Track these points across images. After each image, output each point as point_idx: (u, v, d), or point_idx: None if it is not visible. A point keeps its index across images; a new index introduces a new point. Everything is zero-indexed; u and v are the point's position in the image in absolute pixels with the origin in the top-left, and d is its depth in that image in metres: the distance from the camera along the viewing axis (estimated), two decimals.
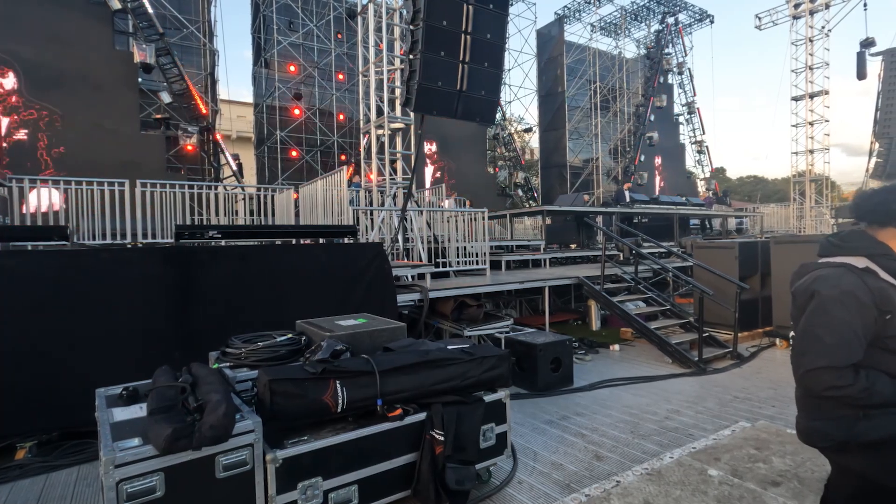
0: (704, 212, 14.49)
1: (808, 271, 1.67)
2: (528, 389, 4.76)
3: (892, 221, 1.58)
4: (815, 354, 1.49)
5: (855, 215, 1.68)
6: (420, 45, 5.50)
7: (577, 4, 22.81)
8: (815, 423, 1.63)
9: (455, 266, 7.01)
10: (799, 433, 1.71)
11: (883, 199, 1.59)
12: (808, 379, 1.52)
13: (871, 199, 1.64)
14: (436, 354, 2.84)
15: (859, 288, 1.49)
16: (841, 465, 1.69)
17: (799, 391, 1.71)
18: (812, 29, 18.96)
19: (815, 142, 19.40)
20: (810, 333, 1.52)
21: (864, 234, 1.63)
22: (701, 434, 3.63)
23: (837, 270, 1.56)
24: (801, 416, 1.70)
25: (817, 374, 1.48)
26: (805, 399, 1.68)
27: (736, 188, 44.90)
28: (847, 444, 1.54)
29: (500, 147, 21.83)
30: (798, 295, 1.63)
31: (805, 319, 1.56)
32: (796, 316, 1.64)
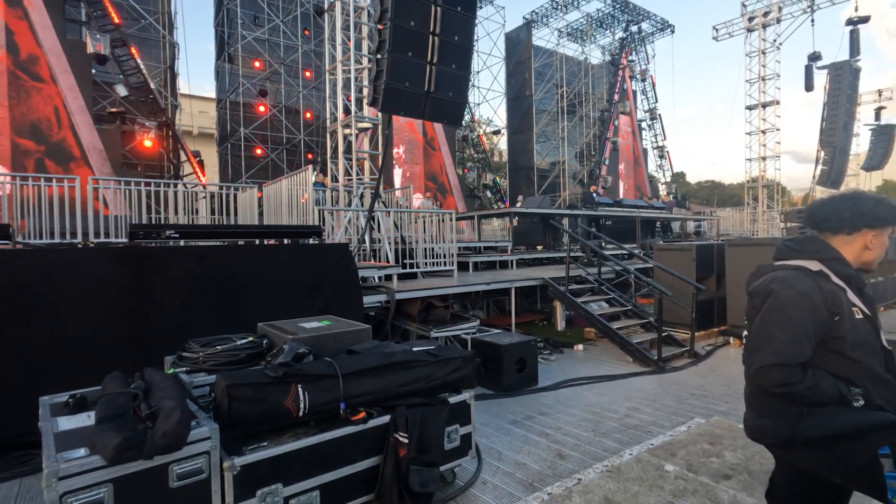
0: (665, 215, 14.98)
1: (764, 272, 1.74)
2: (493, 390, 4.80)
3: (843, 229, 1.67)
4: (767, 352, 1.55)
5: (809, 223, 1.77)
6: (387, 44, 5.47)
7: (545, 10, 23.19)
8: (762, 421, 1.69)
9: (423, 267, 7.00)
10: (747, 430, 1.78)
11: (834, 209, 1.69)
12: (760, 375, 1.57)
13: (823, 208, 1.73)
14: (401, 357, 2.83)
15: (813, 290, 1.57)
16: (785, 461, 1.77)
17: (749, 389, 1.78)
18: (764, 42, 19.91)
19: (767, 149, 20.37)
20: (764, 331, 1.59)
21: (817, 239, 1.72)
22: (659, 431, 3.74)
23: (793, 272, 1.64)
24: (750, 414, 1.76)
25: (768, 370, 1.54)
26: (754, 397, 1.74)
27: (695, 192, 46.64)
28: (792, 440, 1.61)
29: (469, 149, 21.94)
30: (755, 295, 1.70)
31: (760, 318, 1.62)
32: (752, 315, 1.70)
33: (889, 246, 6.30)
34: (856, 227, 1.65)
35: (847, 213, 1.66)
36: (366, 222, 6.50)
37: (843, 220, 1.66)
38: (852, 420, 1.53)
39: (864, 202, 1.67)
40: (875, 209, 1.65)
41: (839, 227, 1.67)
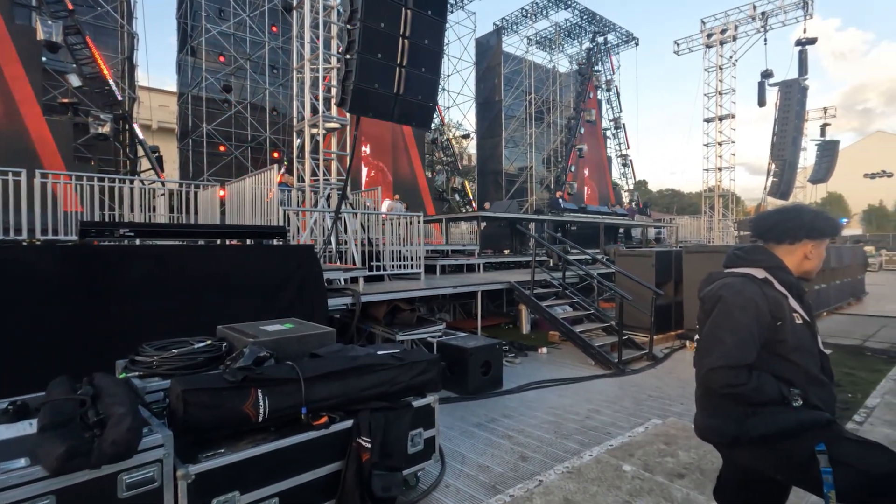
0: (627, 222, 15.42)
1: (715, 279, 1.84)
2: (458, 393, 4.82)
3: (785, 239, 1.80)
4: (717, 354, 1.63)
5: (754, 233, 1.88)
6: (357, 45, 5.43)
7: (515, 17, 23.54)
8: (711, 421, 1.77)
9: (390, 270, 6.96)
10: (697, 430, 1.86)
11: (777, 220, 1.81)
12: (709, 377, 1.65)
13: (767, 219, 1.86)
14: (365, 360, 2.80)
15: (759, 296, 1.66)
16: (731, 460, 1.86)
17: (699, 391, 1.86)
18: (721, 58, 20.84)
19: (723, 160, 21.30)
20: (714, 335, 1.67)
21: (762, 249, 1.84)
22: (618, 432, 3.85)
23: (741, 279, 1.74)
24: (700, 415, 1.85)
25: (717, 372, 1.62)
26: (704, 398, 1.82)
27: (656, 200, 48.24)
28: (738, 438, 1.69)
29: (439, 152, 21.99)
30: (706, 300, 1.79)
31: (710, 322, 1.70)
32: (703, 319, 1.79)
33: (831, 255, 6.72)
34: (797, 237, 1.77)
35: (789, 225, 1.77)
36: (332, 224, 6.41)
37: (785, 230, 1.78)
38: (792, 419, 1.62)
39: (805, 215, 1.79)
40: (814, 221, 1.77)
41: (782, 237, 1.79)
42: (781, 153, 18.53)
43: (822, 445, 1.58)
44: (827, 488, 1.53)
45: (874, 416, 4.13)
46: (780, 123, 18.52)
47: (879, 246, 27.25)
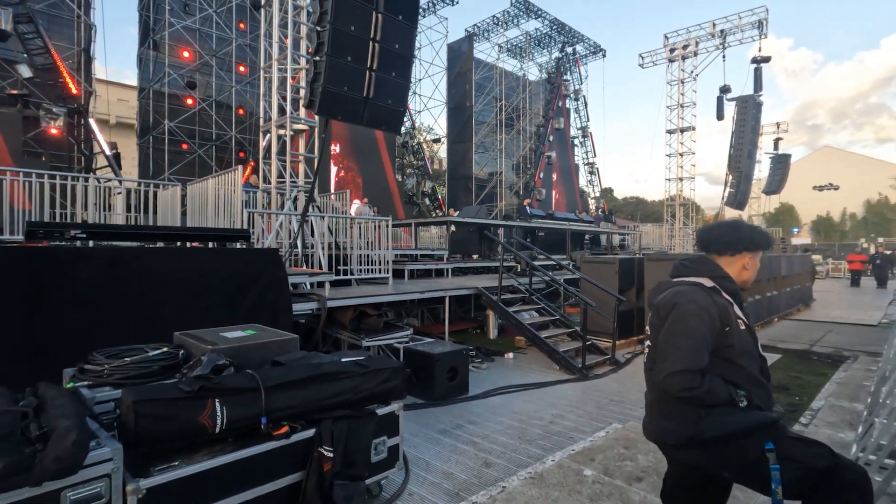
0: (593, 228, 15.78)
1: (667, 287, 1.93)
2: (424, 399, 4.81)
3: (727, 251, 1.93)
4: (674, 359, 1.69)
5: (700, 246, 1.98)
6: (326, 47, 5.37)
7: (487, 24, 23.82)
8: (666, 424, 1.84)
9: (357, 274, 6.89)
10: (648, 434, 1.93)
11: (720, 233, 1.95)
12: (668, 381, 1.71)
13: (710, 233, 1.99)
14: (328, 368, 2.76)
15: (710, 303, 1.76)
16: (677, 461, 1.94)
17: (652, 395, 1.93)
18: (683, 72, 21.65)
19: (684, 171, 22.10)
20: (671, 341, 1.74)
21: (708, 259, 1.96)
22: (580, 436, 3.92)
23: (693, 288, 1.83)
24: (652, 419, 1.91)
25: (675, 377, 1.68)
26: (658, 402, 1.89)
27: (621, 207, 49.57)
28: (693, 439, 1.76)
29: (409, 155, 21.97)
30: (661, 307, 1.85)
31: (667, 328, 1.77)
32: (656, 326, 1.86)
33: (782, 264, 7.05)
34: (737, 250, 1.91)
35: (730, 238, 1.91)
36: (298, 227, 6.30)
37: (727, 243, 1.91)
38: (743, 420, 1.72)
39: (743, 229, 1.95)
40: (751, 235, 1.92)
41: (724, 249, 1.92)
42: (738, 165, 19.38)
43: (770, 444, 1.68)
44: (775, 483, 1.64)
45: (818, 418, 4.35)
46: (736, 137, 19.38)
47: (826, 255, 28.83)
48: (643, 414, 2.02)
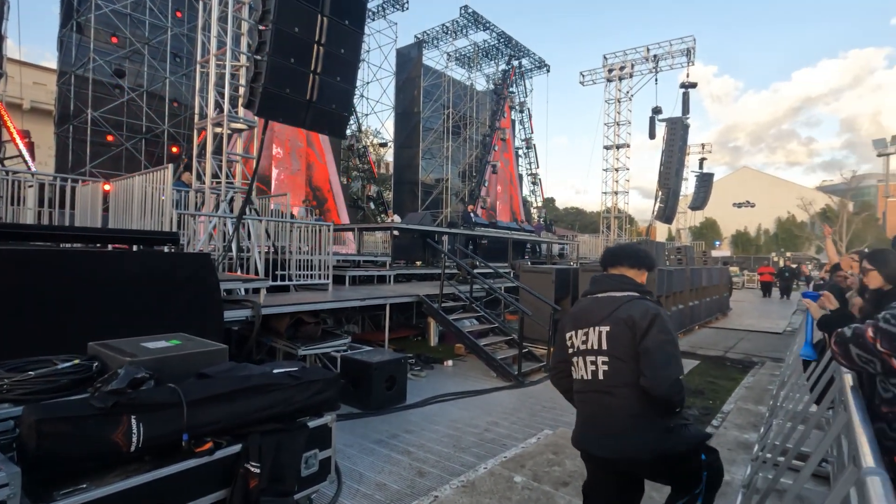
0: (534, 238, 16.27)
1: (624, 301, 1.93)
2: (361, 408, 4.76)
3: (642, 266, 2.11)
4: (675, 367, 1.78)
5: (614, 262, 2.13)
6: (268, 47, 5.23)
7: (436, 33, 24.03)
8: (632, 440, 1.82)
9: (296, 280, 6.72)
10: (610, 452, 1.87)
11: (633, 252, 2.14)
12: (676, 386, 1.75)
13: (625, 249, 2.18)
14: (258, 380, 2.68)
15: None
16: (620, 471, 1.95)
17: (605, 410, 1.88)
18: (620, 92, 22.88)
19: (619, 185, 23.31)
20: (665, 350, 1.77)
21: (626, 276, 2.08)
22: (513, 443, 4.03)
23: (652, 301, 1.96)
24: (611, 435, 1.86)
25: (679, 383, 1.77)
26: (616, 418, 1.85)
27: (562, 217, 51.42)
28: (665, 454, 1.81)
29: (355, 158, 21.69)
30: (637, 320, 1.83)
31: (654, 338, 1.78)
32: (627, 338, 1.83)
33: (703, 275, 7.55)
34: (651, 267, 2.13)
35: (643, 255, 2.12)
36: (233, 230, 6.06)
37: (641, 260, 2.11)
38: (696, 434, 1.95)
39: (647, 250, 2.21)
40: (650, 256, 2.17)
41: (640, 265, 2.10)
42: (667, 182, 20.72)
43: (704, 456, 1.92)
44: (701, 487, 1.89)
45: (728, 420, 4.73)
46: (666, 155, 20.72)
47: (743, 267, 31.36)
48: (573, 419, 2.02)
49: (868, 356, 1.66)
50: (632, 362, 1.82)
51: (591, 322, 1.95)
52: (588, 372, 1.94)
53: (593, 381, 1.92)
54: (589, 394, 1.95)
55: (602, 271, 2.15)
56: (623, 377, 1.84)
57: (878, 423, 1.68)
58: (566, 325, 2.09)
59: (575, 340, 2.01)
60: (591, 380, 1.92)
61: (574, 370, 2.03)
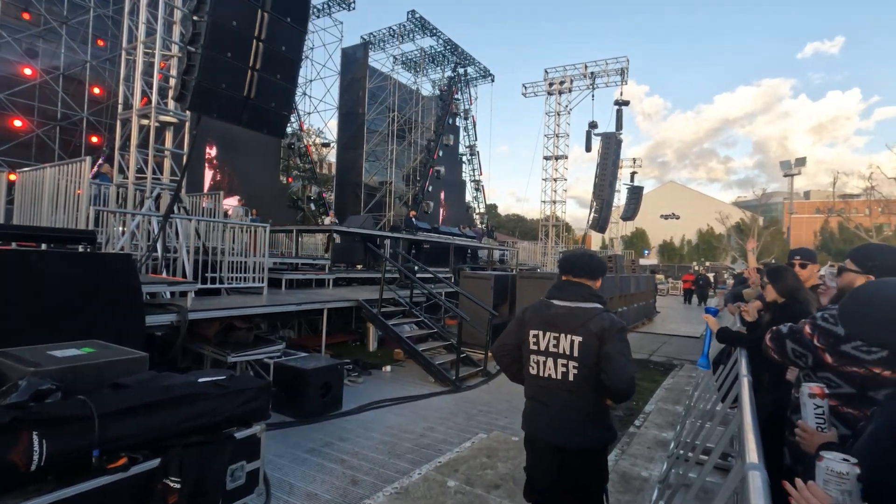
0: (475, 244, 16.54)
1: (595, 314, 2.14)
2: (295, 416, 4.63)
3: (598, 276, 2.29)
4: (631, 367, 2.05)
5: (574, 272, 2.27)
6: (203, 39, 4.99)
7: (383, 35, 23.92)
8: (594, 432, 2.13)
9: (228, 283, 6.43)
10: (569, 441, 2.11)
11: (594, 266, 2.29)
12: (631, 384, 2.03)
13: (586, 262, 2.28)
14: (180, 390, 2.55)
15: None
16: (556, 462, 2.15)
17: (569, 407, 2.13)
18: (559, 105, 23.83)
19: (557, 195, 24.22)
20: (624, 355, 2.05)
21: (589, 287, 2.27)
22: (448, 448, 4.08)
23: (610, 313, 2.19)
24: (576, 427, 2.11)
25: (633, 379, 2.04)
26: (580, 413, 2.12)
27: (503, 224, 52.65)
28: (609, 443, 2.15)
29: (295, 157, 21.09)
30: (608, 330, 2.08)
31: (615, 346, 2.05)
32: (594, 346, 2.08)
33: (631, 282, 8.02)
34: (596, 276, 2.31)
35: (597, 265, 2.30)
36: (159, 229, 5.70)
37: (601, 270, 2.31)
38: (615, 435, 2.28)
39: (601, 260, 2.38)
40: (605, 265, 2.36)
41: (597, 275, 2.29)
42: (601, 193, 21.80)
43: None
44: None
45: (649, 420, 5.05)
46: (600, 168, 21.81)
47: (668, 275, 33.55)
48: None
49: (803, 350, 1.84)
50: (595, 368, 2.07)
51: (563, 329, 2.15)
52: (558, 373, 2.15)
53: (563, 382, 2.14)
54: (555, 391, 2.17)
55: (560, 276, 2.34)
56: (589, 381, 2.09)
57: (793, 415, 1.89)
58: (531, 322, 2.26)
59: (542, 341, 2.20)
60: (561, 380, 2.14)
61: (533, 366, 2.23)
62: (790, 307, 2.75)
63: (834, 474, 0.96)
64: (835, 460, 0.98)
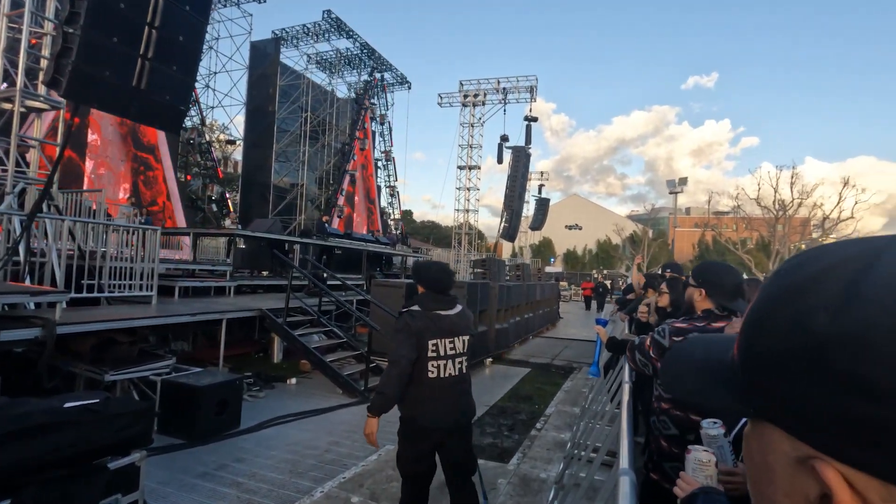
0: (389, 250, 16.45)
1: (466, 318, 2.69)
2: (185, 438, 4.25)
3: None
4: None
5: (449, 285, 2.61)
6: (82, 18, 4.47)
7: (296, 32, 23.07)
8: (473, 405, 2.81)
9: (110, 291, 5.77)
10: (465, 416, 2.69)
11: (451, 276, 2.71)
12: None
13: (449, 275, 2.69)
14: (39, 418, 2.24)
15: None
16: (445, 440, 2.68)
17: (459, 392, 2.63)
18: (473, 117, 24.57)
19: (470, 203, 24.90)
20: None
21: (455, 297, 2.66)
22: (353, 463, 3.98)
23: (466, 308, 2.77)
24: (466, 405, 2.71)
25: None
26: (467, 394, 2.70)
27: (418, 230, 52.93)
28: None
29: (196, 154, 19.57)
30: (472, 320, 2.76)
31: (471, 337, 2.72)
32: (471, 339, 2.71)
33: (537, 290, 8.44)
34: None
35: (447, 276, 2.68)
36: (22, 229, 4.98)
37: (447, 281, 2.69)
38: None
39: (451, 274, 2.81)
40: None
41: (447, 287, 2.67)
42: (511, 204, 22.77)
43: None
44: None
45: (549, 423, 5.32)
46: (511, 180, 22.80)
47: (571, 282, 35.84)
48: None
49: (645, 361, 2.06)
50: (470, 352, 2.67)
51: (456, 333, 2.58)
52: (456, 370, 2.56)
53: (459, 377, 2.58)
54: (455, 385, 2.56)
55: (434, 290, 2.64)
56: (468, 369, 2.67)
57: (652, 416, 2.09)
58: (428, 333, 2.50)
59: (441, 348, 2.53)
60: (458, 375, 2.57)
61: (432, 370, 2.52)
62: (671, 315, 3.07)
63: (699, 463, 1.13)
64: (698, 451, 1.15)
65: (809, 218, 28.29)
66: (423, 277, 2.63)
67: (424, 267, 2.73)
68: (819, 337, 0.29)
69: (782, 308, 0.32)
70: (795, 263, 0.34)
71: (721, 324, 1.86)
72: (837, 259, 0.32)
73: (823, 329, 0.29)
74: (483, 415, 5.60)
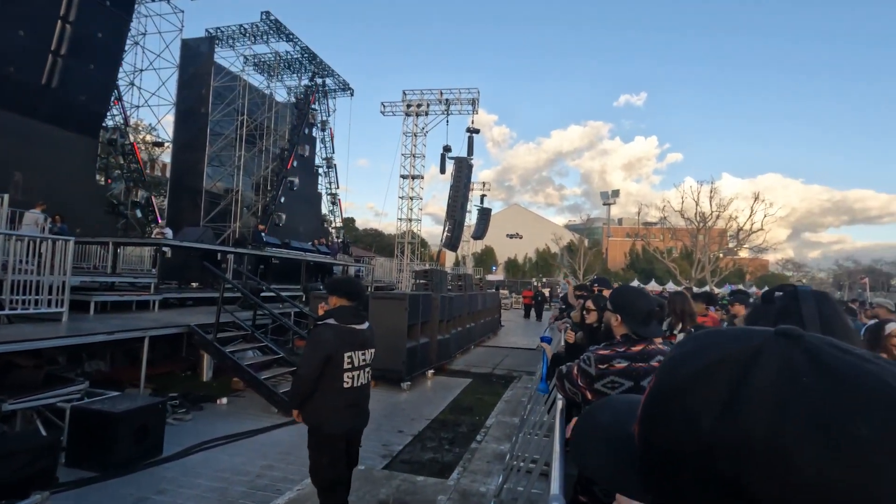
0: (330, 260, 16.07)
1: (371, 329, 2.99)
2: (99, 471, 3.88)
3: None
4: None
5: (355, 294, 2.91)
6: None
7: (232, 32, 22.20)
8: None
9: (13, 308, 5.21)
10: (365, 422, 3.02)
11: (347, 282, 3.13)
12: None
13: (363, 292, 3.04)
14: None
15: None
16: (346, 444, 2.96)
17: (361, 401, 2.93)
18: (416, 127, 24.68)
19: (413, 212, 24.91)
20: None
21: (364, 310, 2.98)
22: (288, 487, 3.82)
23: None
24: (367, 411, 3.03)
25: None
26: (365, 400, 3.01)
27: (361, 238, 52.12)
28: None
29: (118, 156, 18.21)
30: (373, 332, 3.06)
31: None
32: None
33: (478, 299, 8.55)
34: None
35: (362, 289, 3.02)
36: None
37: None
38: None
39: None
40: None
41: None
42: (454, 213, 23.02)
43: None
44: None
45: (489, 434, 5.38)
46: (453, 190, 23.07)
47: (512, 290, 36.64)
48: None
49: (575, 389, 2.08)
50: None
51: (366, 346, 2.85)
52: (365, 379, 2.85)
53: (366, 386, 2.88)
54: (361, 392, 2.84)
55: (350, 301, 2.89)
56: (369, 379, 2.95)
57: None
58: (344, 346, 2.73)
59: (355, 359, 2.77)
60: (366, 383, 2.86)
61: (347, 381, 2.74)
62: (598, 330, 3.20)
63: None
64: None
65: (726, 229, 30.77)
66: (342, 289, 2.90)
67: (344, 281, 3.18)
68: (705, 441, 0.30)
69: (672, 406, 0.33)
70: (681, 355, 0.35)
71: (639, 347, 1.93)
72: (718, 358, 0.32)
73: (707, 434, 0.30)
74: (424, 429, 5.56)
